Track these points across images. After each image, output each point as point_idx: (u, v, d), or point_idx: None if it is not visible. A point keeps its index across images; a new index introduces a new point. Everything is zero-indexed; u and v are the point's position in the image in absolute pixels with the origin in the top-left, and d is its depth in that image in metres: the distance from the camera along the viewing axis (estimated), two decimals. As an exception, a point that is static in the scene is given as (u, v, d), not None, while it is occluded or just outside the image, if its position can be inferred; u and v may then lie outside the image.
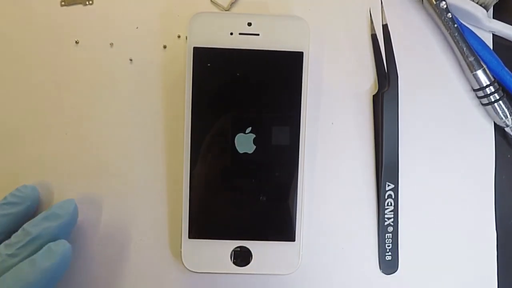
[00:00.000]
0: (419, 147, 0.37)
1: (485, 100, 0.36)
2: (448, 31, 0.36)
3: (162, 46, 0.36)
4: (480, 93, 0.36)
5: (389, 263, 0.36)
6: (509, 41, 0.37)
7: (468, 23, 0.37)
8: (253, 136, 0.33)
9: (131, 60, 0.36)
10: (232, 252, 0.33)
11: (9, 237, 0.30)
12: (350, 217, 0.36)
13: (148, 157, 0.35)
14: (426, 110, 0.37)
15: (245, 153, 0.33)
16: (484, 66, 0.35)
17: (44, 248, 0.30)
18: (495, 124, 0.37)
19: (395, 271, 0.36)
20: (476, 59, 0.35)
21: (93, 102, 0.35)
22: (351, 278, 0.36)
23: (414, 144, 0.36)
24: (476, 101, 0.37)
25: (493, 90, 0.35)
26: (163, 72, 0.36)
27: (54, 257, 0.29)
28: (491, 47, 0.37)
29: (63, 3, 0.36)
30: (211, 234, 0.33)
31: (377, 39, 0.36)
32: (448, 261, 0.36)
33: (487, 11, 0.36)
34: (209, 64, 0.33)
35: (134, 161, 0.35)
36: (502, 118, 0.36)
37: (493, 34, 0.38)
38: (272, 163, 0.33)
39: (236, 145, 0.33)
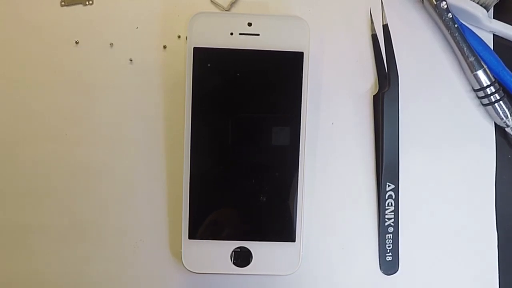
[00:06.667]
0: (420, 147, 0.37)
1: (485, 100, 0.36)
2: (448, 31, 0.35)
3: (162, 46, 0.36)
4: (481, 93, 0.36)
5: (389, 263, 0.36)
6: (510, 41, 0.37)
7: (469, 23, 0.37)
8: (253, 136, 0.33)
9: (131, 60, 0.36)
10: (232, 252, 0.33)
11: None
12: (350, 217, 0.36)
13: (148, 157, 0.35)
14: (427, 110, 0.37)
15: (245, 153, 0.33)
16: (485, 66, 0.35)
17: None
18: (495, 124, 0.37)
19: (396, 271, 0.36)
20: (476, 59, 0.35)
21: (93, 102, 0.35)
22: (352, 278, 0.36)
23: (414, 144, 0.36)
24: (477, 101, 0.37)
25: (493, 90, 0.35)
26: (163, 72, 0.36)
27: None
28: (492, 47, 0.37)
29: (63, 3, 0.36)
30: (211, 235, 0.33)
31: (377, 39, 0.36)
32: (448, 261, 0.36)
33: (487, 11, 0.36)
34: (209, 64, 0.32)
35: (134, 161, 0.35)
36: (502, 118, 0.36)
37: (493, 34, 0.37)
38: (272, 163, 0.33)
39: (236, 145, 0.33)
